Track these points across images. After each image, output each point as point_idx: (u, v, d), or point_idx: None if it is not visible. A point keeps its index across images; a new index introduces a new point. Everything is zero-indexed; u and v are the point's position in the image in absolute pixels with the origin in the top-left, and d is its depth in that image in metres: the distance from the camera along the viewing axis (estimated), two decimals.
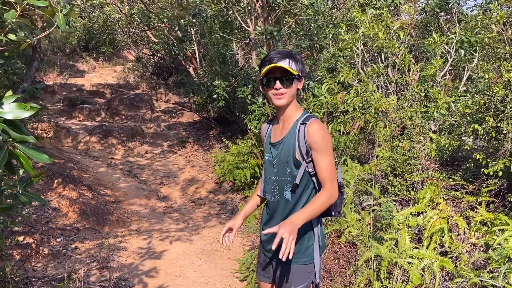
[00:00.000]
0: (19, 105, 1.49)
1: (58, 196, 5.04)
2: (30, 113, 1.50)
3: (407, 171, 3.94)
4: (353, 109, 4.73)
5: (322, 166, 1.89)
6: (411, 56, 5.45)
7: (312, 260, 1.98)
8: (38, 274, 3.64)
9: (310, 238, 1.99)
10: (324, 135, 1.89)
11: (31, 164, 1.60)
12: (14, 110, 1.48)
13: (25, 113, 1.49)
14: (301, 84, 2.00)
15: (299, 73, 1.95)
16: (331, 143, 1.92)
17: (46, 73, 13.26)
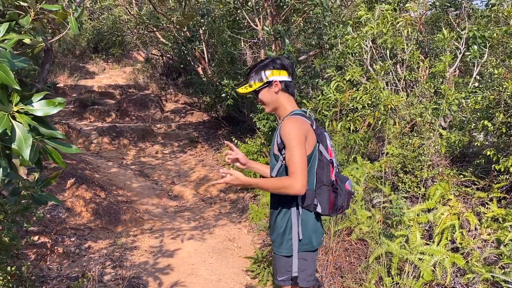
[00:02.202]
0: (48, 101, 1.54)
1: (72, 196, 5.12)
2: (59, 108, 1.55)
3: (417, 168, 3.94)
4: (362, 107, 4.73)
5: (288, 159, 1.96)
6: (419, 52, 5.44)
7: (288, 251, 2.05)
8: (53, 273, 3.71)
9: (289, 232, 2.05)
10: (290, 130, 1.95)
11: (61, 158, 1.66)
12: (43, 107, 1.53)
13: (54, 109, 1.54)
14: (273, 87, 2.09)
15: (261, 83, 2.08)
16: (299, 137, 1.95)
17: (56, 75, 13.41)
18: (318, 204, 2.05)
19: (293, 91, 2.16)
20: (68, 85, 12.81)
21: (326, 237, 3.69)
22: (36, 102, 1.52)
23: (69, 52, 16.06)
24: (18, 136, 1.43)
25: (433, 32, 8.43)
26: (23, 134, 1.44)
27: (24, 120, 1.45)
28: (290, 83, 2.13)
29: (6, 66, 1.39)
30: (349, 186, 2.16)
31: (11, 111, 1.46)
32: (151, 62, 14.19)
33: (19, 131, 1.44)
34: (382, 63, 5.26)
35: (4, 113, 1.43)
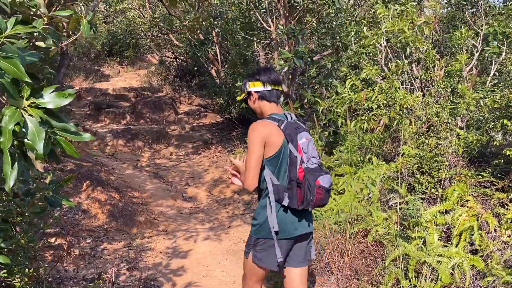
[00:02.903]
0: (58, 93, 1.56)
1: (87, 198, 5.17)
2: (69, 100, 1.56)
3: (434, 168, 3.87)
4: (377, 107, 4.68)
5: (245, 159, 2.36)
6: (435, 51, 5.35)
7: (254, 234, 2.35)
8: (69, 275, 3.75)
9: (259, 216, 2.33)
10: (249, 135, 2.30)
11: (73, 148, 1.67)
12: (54, 99, 1.54)
13: (64, 100, 1.55)
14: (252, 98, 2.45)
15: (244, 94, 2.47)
16: (254, 141, 2.27)
17: (72, 79, 13.59)
18: (286, 197, 2.25)
19: (272, 98, 2.41)
20: (83, 88, 12.97)
21: (341, 239, 3.65)
22: (47, 95, 1.53)
23: (84, 56, 16.27)
24: (31, 129, 1.45)
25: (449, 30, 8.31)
26: (36, 127, 1.45)
27: (36, 114, 1.46)
28: (265, 92, 2.40)
29: (17, 60, 1.40)
30: (321, 181, 2.26)
31: (23, 105, 1.47)
32: (165, 64, 14.28)
33: (31, 124, 1.45)
34: (397, 62, 5.19)
35: (16, 108, 1.44)
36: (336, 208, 4.49)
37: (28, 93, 1.52)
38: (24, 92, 1.52)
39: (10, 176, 1.53)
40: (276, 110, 2.42)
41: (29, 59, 1.60)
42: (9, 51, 1.49)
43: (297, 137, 2.29)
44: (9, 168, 1.54)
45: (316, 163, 2.33)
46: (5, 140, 1.45)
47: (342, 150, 6.06)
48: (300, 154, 2.28)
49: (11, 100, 1.49)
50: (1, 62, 1.42)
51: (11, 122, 1.43)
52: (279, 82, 2.46)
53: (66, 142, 1.63)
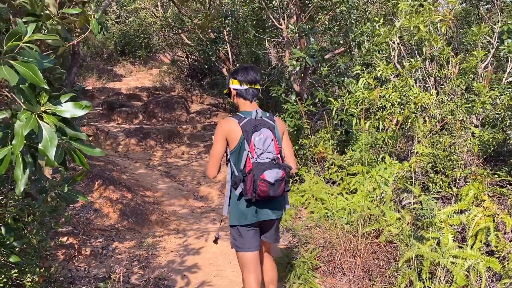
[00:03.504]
0: (75, 103, 1.56)
1: (99, 197, 5.19)
2: (86, 111, 1.57)
3: (448, 168, 3.80)
4: (391, 105, 4.61)
5: None
6: (450, 48, 5.26)
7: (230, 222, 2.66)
8: (81, 274, 3.76)
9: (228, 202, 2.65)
10: (216, 129, 2.63)
11: (84, 159, 1.69)
12: (71, 109, 1.55)
13: (81, 111, 1.56)
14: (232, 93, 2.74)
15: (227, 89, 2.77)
16: (216, 136, 2.60)
17: (85, 78, 13.70)
18: (239, 187, 2.52)
19: (247, 96, 2.68)
20: (96, 87, 13.07)
21: (353, 239, 3.61)
22: (64, 104, 1.53)
23: (98, 56, 16.39)
24: (45, 136, 1.44)
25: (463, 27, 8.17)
26: (50, 134, 1.45)
27: (51, 121, 1.46)
28: (241, 91, 2.68)
29: (35, 65, 1.39)
30: (266, 175, 2.43)
31: (39, 111, 1.46)
32: (176, 64, 14.32)
33: (45, 131, 1.45)
34: (411, 59, 5.11)
35: (32, 113, 1.44)
36: (348, 208, 4.44)
37: (45, 100, 1.53)
38: (42, 98, 1.53)
39: (21, 180, 1.54)
40: (249, 107, 2.67)
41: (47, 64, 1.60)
42: (28, 56, 1.48)
43: (252, 133, 2.51)
44: (20, 172, 1.54)
45: (269, 158, 2.49)
46: (17, 144, 1.45)
47: (354, 149, 6.00)
48: (250, 149, 2.50)
49: (27, 105, 1.49)
50: (19, 67, 1.43)
51: (26, 128, 1.43)
52: (255, 82, 2.68)
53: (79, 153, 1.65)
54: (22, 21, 1.56)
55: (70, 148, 1.61)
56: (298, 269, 3.59)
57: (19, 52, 1.44)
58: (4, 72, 1.36)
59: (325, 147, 5.91)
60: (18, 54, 1.43)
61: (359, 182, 4.85)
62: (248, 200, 2.53)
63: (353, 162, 5.59)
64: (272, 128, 2.59)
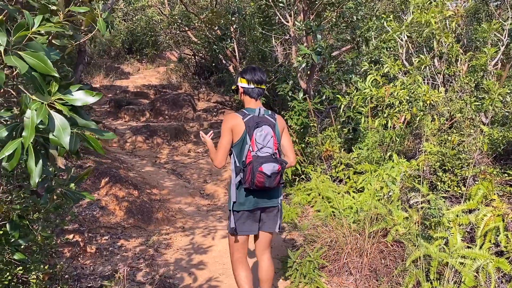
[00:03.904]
0: (86, 91, 1.55)
1: (105, 195, 5.20)
2: (97, 98, 1.56)
3: (457, 166, 3.75)
4: (399, 103, 4.55)
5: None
6: (459, 45, 5.19)
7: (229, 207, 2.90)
8: (86, 271, 3.76)
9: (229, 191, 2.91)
10: (222, 123, 2.86)
11: (100, 145, 1.68)
12: (82, 97, 1.53)
13: (91, 98, 1.55)
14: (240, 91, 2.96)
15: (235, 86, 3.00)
16: (223, 129, 2.83)
17: (93, 76, 13.75)
18: (238, 176, 2.81)
19: (253, 95, 2.91)
20: (103, 85, 13.11)
21: (360, 239, 3.57)
22: (75, 92, 1.52)
23: (105, 53, 16.44)
24: (57, 125, 1.44)
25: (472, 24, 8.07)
26: (61, 123, 1.44)
27: (64, 109, 1.45)
28: (248, 89, 2.91)
29: (44, 55, 1.39)
30: (264, 168, 2.69)
31: (49, 101, 1.45)
32: (183, 61, 14.32)
33: (57, 120, 1.44)
34: (419, 56, 5.04)
35: (42, 103, 1.43)
36: (355, 207, 4.40)
37: (56, 89, 1.52)
38: (52, 87, 1.52)
39: (35, 172, 1.53)
40: (253, 104, 2.92)
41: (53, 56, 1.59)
42: (36, 47, 1.48)
43: (254, 129, 2.77)
44: (33, 164, 1.53)
45: (268, 153, 2.77)
46: (27, 135, 1.44)
47: (361, 147, 5.95)
48: (251, 143, 2.77)
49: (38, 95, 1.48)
50: (28, 57, 1.42)
51: (38, 117, 1.43)
52: (261, 82, 2.92)
53: (93, 139, 1.64)
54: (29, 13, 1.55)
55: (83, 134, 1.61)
56: (304, 268, 3.56)
57: (27, 44, 1.44)
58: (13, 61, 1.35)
59: (332, 145, 5.87)
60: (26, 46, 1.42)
61: (366, 180, 4.80)
62: (246, 189, 2.81)
63: (360, 161, 5.54)
64: (272, 125, 2.84)
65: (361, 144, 6.05)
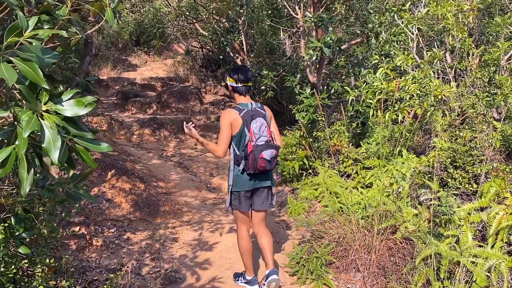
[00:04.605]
0: (77, 101, 1.50)
1: (112, 187, 5.18)
2: (88, 109, 1.51)
3: (469, 163, 3.67)
4: (410, 97, 4.47)
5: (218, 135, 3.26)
6: (471, 39, 5.08)
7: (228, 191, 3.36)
8: (92, 264, 3.75)
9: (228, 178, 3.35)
10: (220, 118, 3.25)
11: (91, 158, 1.63)
12: (72, 107, 1.48)
13: (83, 110, 1.49)
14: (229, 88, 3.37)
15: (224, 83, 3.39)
16: (223, 123, 3.21)
17: (100, 68, 13.73)
18: (242, 164, 3.23)
19: (241, 92, 3.30)
20: (111, 77, 13.09)
21: (369, 235, 3.52)
22: (66, 102, 1.46)
23: (112, 45, 16.40)
24: (47, 137, 1.39)
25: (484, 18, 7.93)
26: (52, 135, 1.39)
27: (53, 121, 1.40)
28: (237, 88, 3.30)
29: (35, 63, 1.33)
30: (264, 154, 3.14)
31: (40, 111, 1.41)
32: (191, 54, 14.25)
33: (48, 132, 1.39)
34: (431, 50, 4.95)
35: (33, 113, 1.38)
36: (363, 203, 4.35)
37: (46, 98, 1.47)
38: (42, 97, 1.47)
39: (26, 182, 1.49)
40: (244, 100, 3.32)
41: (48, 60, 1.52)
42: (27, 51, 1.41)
43: (251, 122, 3.19)
44: (25, 173, 1.49)
45: (264, 141, 3.20)
46: (20, 145, 1.39)
47: (370, 142, 5.87)
48: (250, 135, 3.18)
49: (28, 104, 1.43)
50: (19, 64, 1.36)
51: (28, 128, 1.38)
52: (247, 80, 3.28)
53: (83, 151, 1.60)
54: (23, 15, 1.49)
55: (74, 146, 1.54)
56: (311, 264, 3.52)
57: (20, 48, 1.38)
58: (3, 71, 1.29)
59: (340, 139, 5.80)
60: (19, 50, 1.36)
61: (375, 176, 4.74)
62: (248, 174, 3.26)
63: (368, 156, 5.47)
64: (263, 116, 3.29)
65: (369, 139, 5.98)
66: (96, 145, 1.63)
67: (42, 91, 1.43)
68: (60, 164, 1.48)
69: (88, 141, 1.61)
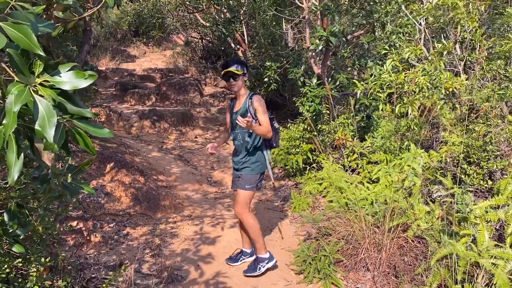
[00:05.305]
0: (76, 73, 1.28)
1: (111, 181, 5.02)
2: (90, 81, 1.29)
3: (483, 159, 3.52)
4: (419, 90, 4.31)
5: (262, 120, 3.42)
6: (482, 31, 4.92)
7: (258, 172, 3.52)
8: (90, 261, 3.60)
9: (259, 159, 3.53)
10: (261, 102, 3.45)
11: (90, 142, 1.42)
12: (71, 79, 1.28)
13: (83, 82, 1.28)
14: (245, 77, 3.52)
15: (242, 72, 3.45)
16: (264, 106, 3.44)
17: (99, 59, 13.53)
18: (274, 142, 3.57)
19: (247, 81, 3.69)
20: (110, 68, 12.89)
21: (379, 233, 3.38)
22: (64, 73, 1.26)
23: (111, 36, 16.17)
24: (41, 113, 1.19)
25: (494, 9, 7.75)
26: (47, 111, 1.19)
27: (48, 94, 1.20)
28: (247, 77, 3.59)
29: (28, 28, 1.14)
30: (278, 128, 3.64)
31: (33, 83, 1.21)
32: (190, 45, 14.04)
33: (42, 107, 1.19)
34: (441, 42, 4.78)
35: (25, 86, 1.19)
36: (370, 198, 4.21)
37: (41, 69, 1.26)
38: (36, 68, 1.26)
39: (14, 167, 1.27)
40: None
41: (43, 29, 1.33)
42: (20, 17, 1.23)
43: None
44: (13, 157, 1.29)
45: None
46: (8, 123, 1.19)
47: (375, 136, 5.72)
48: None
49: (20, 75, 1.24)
50: (9, 29, 1.16)
51: (18, 102, 1.17)
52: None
53: (83, 135, 1.39)
54: None
55: (72, 128, 1.35)
56: (319, 263, 3.38)
57: (10, 14, 1.20)
58: None
59: (344, 133, 5.65)
60: (9, 16, 1.19)
61: (382, 171, 4.59)
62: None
63: (374, 150, 5.32)
64: None
65: (374, 132, 5.83)
66: (98, 128, 1.41)
67: (36, 61, 1.24)
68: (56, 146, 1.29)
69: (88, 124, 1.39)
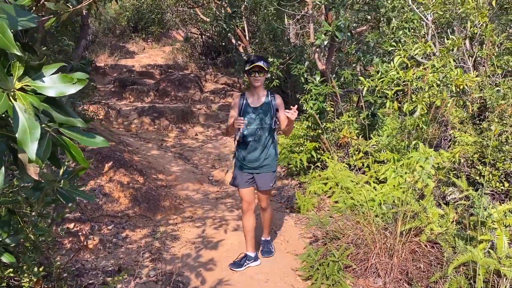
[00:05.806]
0: (63, 76, 1.12)
1: (109, 181, 4.86)
2: (77, 87, 1.13)
3: (499, 159, 3.37)
4: (428, 87, 4.14)
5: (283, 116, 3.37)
6: (492, 26, 4.75)
7: (276, 167, 3.66)
8: (87, 266, 3.45)
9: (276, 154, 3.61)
10: (281, 100, 3.51)
11: (81, 154, 1.25)
12: (57, 84, 1.11)
13: (70, 88, 1.12)
14: (267, 74, 3.75)
15: (268, 68, 3.41)
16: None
17: (97, 55, 13.33)
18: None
19: None
20: (108, 64, 12.70)
21: (390, 237, 3.22)
22: (48, 77, 1.09)
23: (110, 32, 15.97)
24: (22, 124, 1.02)
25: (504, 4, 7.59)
26: (28, 122, 1.03)
27: (28, 102, 1.03)
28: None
29: (3, 23, 0.97)
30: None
31: (12, 89, 1.04)
32: (190, 41, 13.85)
33: (22, 117, 1.02)
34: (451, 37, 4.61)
35: (3, 91, 1.02)
36: (377, 199, 4.05)
37: (21, 72, 1.09)
38: (15, 70, 1.09)
39: None
40: None
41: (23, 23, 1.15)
42: None
43: None
44: None
45: None
46: None
47: (380, 134, 5.56)
48: None
49: None
50: None
51: None
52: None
53: (72, 146, 1.22)
54: None
55: (60, 138, 1.18)
56: (327, 269, 3.23)
57: None
58: None
59: (349, 131, 5.49)
60: None
61: (389, 171, 4.43)
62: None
63: (380, 148, 5.17)
64: None
65: (379, 130, 5.67)
66: (89, 137, 1.26)
67: (15, 63, 1.07)
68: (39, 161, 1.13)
69: (78, 132, 1.23)
